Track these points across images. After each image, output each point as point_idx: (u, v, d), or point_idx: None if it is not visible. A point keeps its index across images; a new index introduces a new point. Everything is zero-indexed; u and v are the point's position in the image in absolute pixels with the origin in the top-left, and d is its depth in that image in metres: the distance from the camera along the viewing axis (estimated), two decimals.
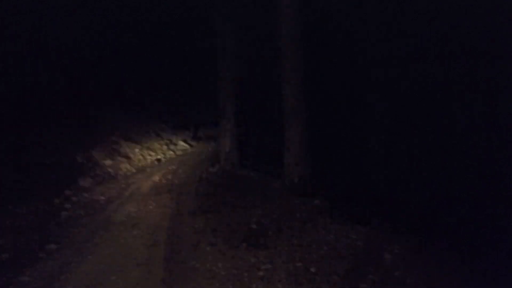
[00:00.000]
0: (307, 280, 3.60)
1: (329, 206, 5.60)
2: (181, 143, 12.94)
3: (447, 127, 7.18)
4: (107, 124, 10.49)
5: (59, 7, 9.70)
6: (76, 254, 4.42)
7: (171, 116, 13.88)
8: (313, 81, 6.69)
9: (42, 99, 8.55)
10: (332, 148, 8.50)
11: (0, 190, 5.83)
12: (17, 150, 6.85)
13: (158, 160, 10.70)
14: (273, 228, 4.85)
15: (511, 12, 5.92)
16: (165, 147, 12.09)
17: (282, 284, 3.58)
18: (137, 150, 10.65)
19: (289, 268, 3.79)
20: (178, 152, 12.17)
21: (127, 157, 9.93)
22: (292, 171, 6.41)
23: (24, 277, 3.89)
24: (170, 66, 14.24)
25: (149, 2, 13.01)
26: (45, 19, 9.48)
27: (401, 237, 4.39)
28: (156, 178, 8.52)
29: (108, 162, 9.01)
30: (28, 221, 5.41)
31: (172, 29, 13.74)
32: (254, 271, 3.78)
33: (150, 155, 10.91)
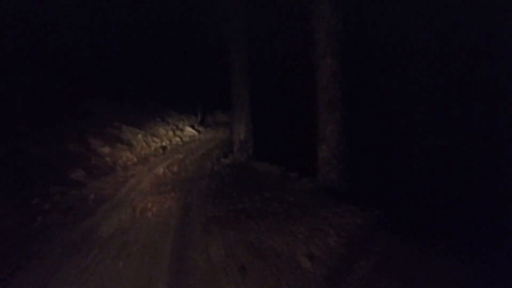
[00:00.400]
0: None
1: (401, 222, 3.96)
2: (188, 129, 12.15)
3: (446, 127, 7.17)
4: (108, 115, 9.74)
5: (59, 7, 9.73)
6: None
7: (177, 101, 13.24)
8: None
9: (42, 99, 8.55)
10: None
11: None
12: (17, 150, 6.82)
13: (163, 147, 9.69)
14: (338, 265, 2.98)
15: (511, 12, 5.91)
16: (171, 133, 11.18)
17: None
18: (140, 136, 9.58)
19: None
20: (185, 139, 11.15)
21: (129, 144, 8.83)
22: (329, 168, 5.48)
23: None
24: (175, 58, 14.28)
25: (149, 2, 13.06)
26: (45, 19, 9.50)
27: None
28: (160, 170, 7.42)
29: (106, 149, 7.93)
30: None
31: (172, 29, 13.78)
32: None
33: (154, 141, 9.89)
